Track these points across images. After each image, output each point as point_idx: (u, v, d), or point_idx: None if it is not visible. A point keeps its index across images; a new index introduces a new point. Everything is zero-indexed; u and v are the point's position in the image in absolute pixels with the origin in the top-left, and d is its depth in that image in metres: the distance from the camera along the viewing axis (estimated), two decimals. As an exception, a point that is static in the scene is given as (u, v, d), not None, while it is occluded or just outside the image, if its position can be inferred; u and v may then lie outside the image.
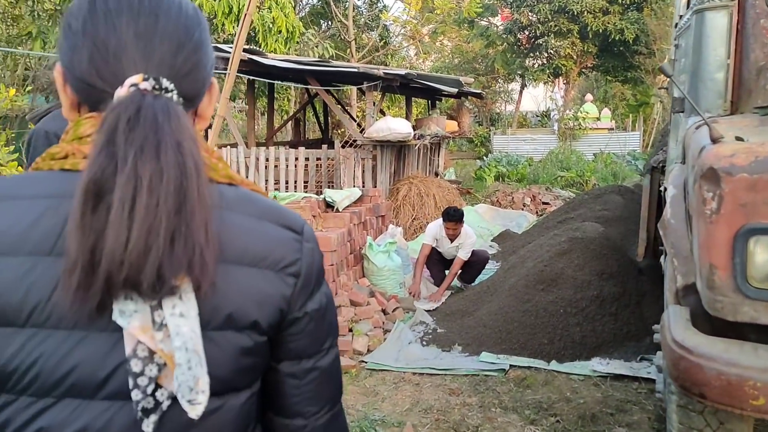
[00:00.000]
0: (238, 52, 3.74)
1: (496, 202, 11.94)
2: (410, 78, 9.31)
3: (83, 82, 0.86)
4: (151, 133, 0.77)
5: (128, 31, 0.84)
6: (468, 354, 4.88)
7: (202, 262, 0.78)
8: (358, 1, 20.29)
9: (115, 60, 0.84)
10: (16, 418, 0.80)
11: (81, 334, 0.79)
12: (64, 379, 0.79)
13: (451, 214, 6.52)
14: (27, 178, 0.85)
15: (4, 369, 0.79)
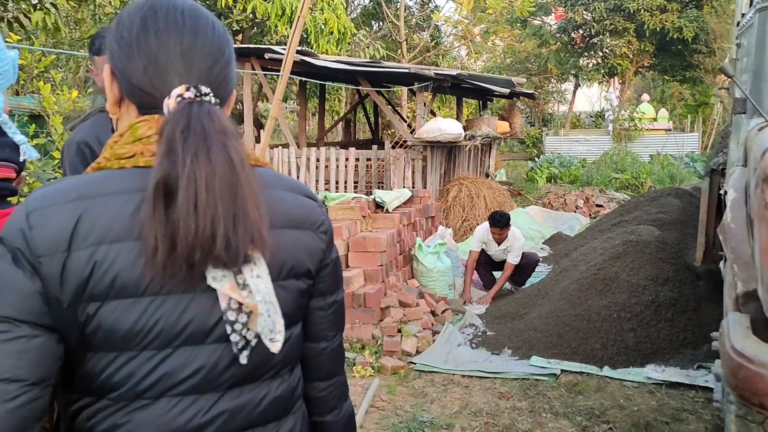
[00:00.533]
0: (291, 53, 3.78)
1: (547, 204, 11.77)
2: (461, 78, 9.26)
3: (138, 89, 1.04)
4: (201, 140, 0.96)
5: (175, 48, 1.04)
6: (518, 358, 4.83)
7: (261, 236, 0.99)
8: (409, 2, 20.30)
9: (164, 72, 1.03)
10: (138, 370, 0.99)
11: (190, 296, 1.01)
12: (181, 332, 1.01)
13: (497, 219, 6.46)
14: (112, 176, 1.01)
15: (130, 331, 0.98)
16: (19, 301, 0.95)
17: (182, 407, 1.02)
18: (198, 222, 0.94)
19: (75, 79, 9.45)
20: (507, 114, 13.12)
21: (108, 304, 0.97)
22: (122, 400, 1.00)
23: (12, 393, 0.93)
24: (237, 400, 1.07)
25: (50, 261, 0.95)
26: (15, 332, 0.94)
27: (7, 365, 0.93)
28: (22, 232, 0.96)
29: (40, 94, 5.61)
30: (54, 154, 5.46)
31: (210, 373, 1.03)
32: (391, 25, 17.89)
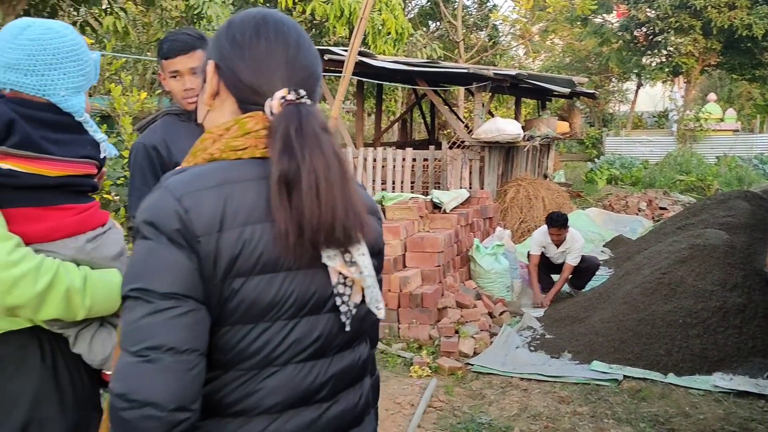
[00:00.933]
0: (353, 55, 3.81)
1: (608, 206, 11.51)
2: (521, 78, 9.15)
3: (245, 85, 1.18)
4: (314, 138, 1.11)
5: (281, 56, 1.18)
6: (578, 362, 4.74)
7: (364, 220, 1.15)
8: (467, 1, 20.19)
9: (271, 75, 1.17)
10: (273, 339, 1.12)
11: (313, 271, 1.15)
12: (308, 303, 1.15)
13: (555, 219, 6.34)
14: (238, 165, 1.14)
15: (270, 303, 1.11)
16: (181, 278, 1.05)
17: (306, 371, 1.15)
18: (321, 209, 1.08)
19: (142, 80, 9.77)
20: (566, 114, 12.91)
21: (252, 279, 1.09)
22: (254, 369, 1.11)
23: (192, 362, 1.04)
24: (342, 363, 1.22)
25: (207, 240, 1.06)
26: (184, 307, 1.04)
27: (184, 337, 1.03)
28: (178, 215, 1.06)
29: (111, 96, 5.81)
30: (123, 154, 5.65)
31: (326, 340, 1.18)
32: (449, 25, 17.82)
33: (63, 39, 1.40)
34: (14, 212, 1.36)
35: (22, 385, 1.40)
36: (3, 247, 1.28)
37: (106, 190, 5.46)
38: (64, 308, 1.35)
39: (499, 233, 6.98)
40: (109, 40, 7.72)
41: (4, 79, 1.38)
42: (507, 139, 8.68)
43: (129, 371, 1.02)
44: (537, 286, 6.39)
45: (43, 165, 1.37)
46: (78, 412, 1.48)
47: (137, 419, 1.00)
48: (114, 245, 1.51)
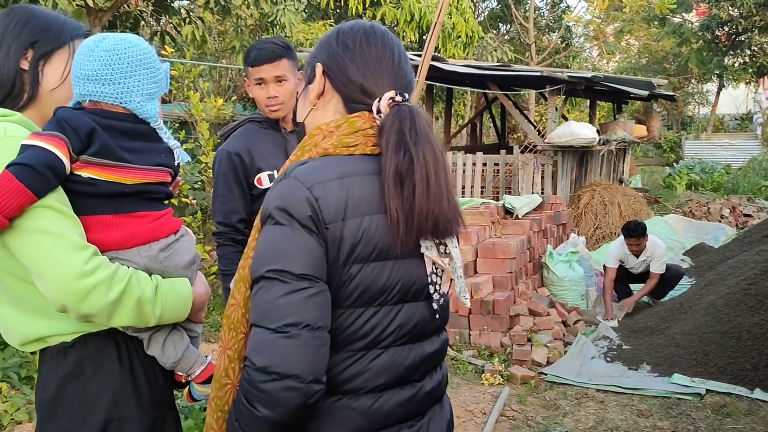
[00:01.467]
0: (427, 60, 3.80)
1: (688, 212, 11.06)
2: (596, 81, 8.92)
3: (355, 85, 1.27)
4: (425, 135, 1.21)
5: (389, 61, 1.29)
6: (658, 374, 4.56)
7: (461, 214, 1.25)
8: (539, 3, 19.87)
9: (380, 78, 1.28)
10: (380, 323, 1.21)
11: (416, 260, 1.24)
12: (410, 290, 1.24)
13: (633, 229, 6.05)
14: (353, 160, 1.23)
15: (382, 288, 1.21)
16: (313, 261, 1.14)
17: (405, 353, 1.25)
18: (430, 203, 1.17)
19: (218, 87, 10.05)
20: (644, 117, 12.51)
21: (368, 265, 1.19)
22: (362, 350, 1.20)
23: (325, 339, 1.14)
24: (432, 347, 1.32)
25: (334, 227, 1.16)
26: (316, 288, 1.14)
27: (318, 315, 1.13)
28: (310, 202, 1.15)
29: (190, 102, 6.00)
30: (201, 158, 5.82)
31: (423, 325, 1.28)
32: (520, 27, 17.57)
33: (136, 48, 1.45)
34: (92, 219, 1.41)
35: (101, 386, 1.44)
36: (79, 257, 1.32)
37: (184, 194, 5.63)
38: (136, 316, 1.39)
39: (573, 240, 6.80)
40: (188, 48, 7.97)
41: (84, 91, 1.43)
42: (581, 143, 8.47)
43: (270, 346, 1.11)
44: (610, 304, 6.10)
45: (121, 173, 1.41)
46: (154, 412, 1.52)
47: (278, 390, 1.09)
48: (186, 253, 1.53)
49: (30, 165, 1.29)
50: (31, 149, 1.31)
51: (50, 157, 1.31)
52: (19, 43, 1.51)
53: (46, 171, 1.30)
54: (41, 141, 1.32)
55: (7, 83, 1.51)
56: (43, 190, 1.31)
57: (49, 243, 1.31)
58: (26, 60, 1.52)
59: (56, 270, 1.31)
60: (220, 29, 10.76)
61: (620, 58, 26.60)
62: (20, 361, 3.86)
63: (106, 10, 6.84)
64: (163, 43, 7.83)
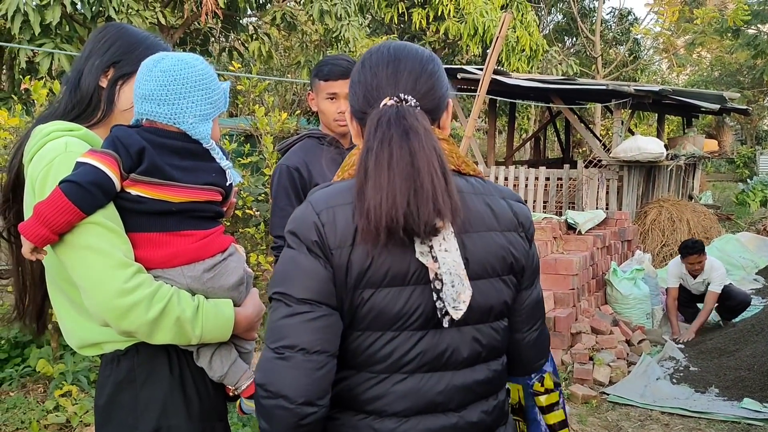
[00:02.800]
0: (488, 75, 3.79)
1: (762, 230, 10.59)
2: (665, 94, 8.69)
3: (360, 112, 1.27)
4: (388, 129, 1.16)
5: (382, 74, 1.26)
6: (727, 398, 4.38)
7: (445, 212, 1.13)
8: (606, 15, 19.52)
9: (377, 93, 1.25)
10: (400, 347, 1.19)
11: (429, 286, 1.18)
12: (435, 316, 1.19)
13: (690, 246, 5.88)
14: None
15: (398, 314, 1.17)
16: (316, 286, 1.15)
17: (433, 381, 1.21)
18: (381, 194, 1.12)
19: (283, 101, 10.27)
20: (715, 131, 12.08)
21: (381, 290, 1.17)
22: (383, 373, 1.19)
23: (321, 362, 1.13)
24: (472, 376, 1.25)
25: (340, 253, 1.15)
26: (317, 312, 1.14)
27: (315, 340, 1.13)
28: (317, 227, 1.16)
29: (255, 116, 6.14)
30: (265, 171, 5.94)
31: (453, 353, 1.22)
32: (586, 40, 17.30)
33: (192, 70, 1.47)
34: (139, 236, 1.44)
35: (151, 394, 1.47)
36: (122, 275, 1.35)
37: (248, 205, 5.76)
38: (176, 335, 1.42)
39: (638, 257, 6.61)
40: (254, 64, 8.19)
41: (141, 110, 1.47)
42: (648, 158, 8.24)
43: (267, 365, 1.14)
44: (676, 323, 5.92)
45: (167, 191, 1.43)
46: (203, 422, 1.53)
47: (271, 407, 1.13)
48: (232, 275, 1.53)
49: (79, 182, 1.33)
50: (83, 167, 1.36)
51: (99, 174, 1.35)
52: (103, 62, 1.56)
53: (94, 188, 1.34)
54: (93, 159, 1.36)
55: (86, 98, 1.56)
56: (91, 207, 1.35)
57: (93, 260, 1.36)
58: (106, 78, 1.57)
59: (98, 286, 1.35)
60: (286, 45, 11.02)
61: (691, 71, 25.83)
62: (90, 365, 4.00)
63: (178, 28, 7.11)
64: (231, 59, 8.07)
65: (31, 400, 3.78)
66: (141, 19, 6.16)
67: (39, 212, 1.32)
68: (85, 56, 1.59)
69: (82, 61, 1.59)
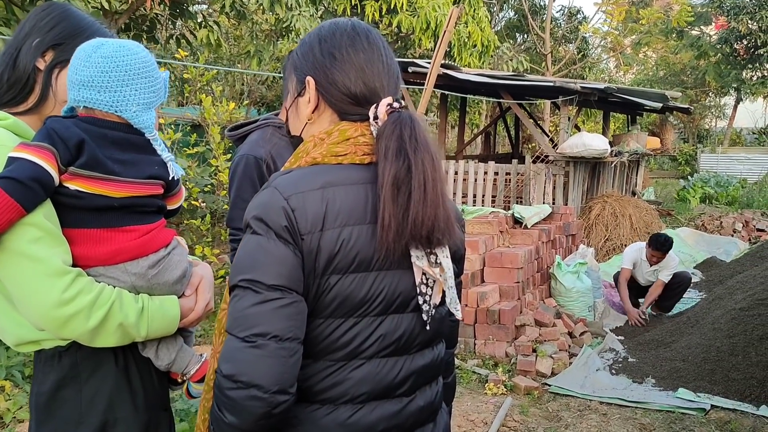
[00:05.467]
0: (435, 69, 3.81)
1: (701, 226, 10.98)
2: (609, 92, 8.89)
3: (347, 96, 1.25)
4: (424, 143, 1.20)
5: (378, 64, 1.26)
6: (662, 388, 4.52)
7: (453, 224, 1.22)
8: (556, 14, 19.84)
9: (372, 83, 1.25)
10: (361, 333, 1.20)
11: (401, 272, 1.22)
12: (394, 302, 1.22)
13: (662, 243, 6.09)
14: (339, 169, 1.22)
15: (362, 300, 1.18)
16: (287, 272, 1.13)
17: (389, 366, 1.23)
18: (426, 211, 1.16)
19: (232, 91, 10.11)
20: (658, 129, 12.43)
21: (347, 276, 1.17)
22: (342, 360, 1.19)
23: (293, 349, 1.13)
24: (422, 361, 1.29)
25: (310, 238, 1.15)
26: (288, 298, 1.13)
27: (287, 326, 1.12)
28: (286, 212, 1.15)
29: (202, 106, 6.05)
30: (211, 162, 5.87)
31: (409, 337, 1.25)
32: (536, 38, 17.56)
33: (135, 56, 1.42)
34: (79, 233, 1.38)
35: (97, 388, 1.44)
36: (59, 283, 1.30)
37: (194, 197, 5.68)
38: (119, 339, 1.39)
39: (582, 251, 6.77)
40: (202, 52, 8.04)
41: (78, 97, 1.40)
42: (593, 155, 8.44)
43: (237, 355, 1.11)
44: (627, 299, 6.23)
45: (108, 186, 1.37)
46: (149, 412, 1.51)
47: (242, 398, 1.10)
48: (176, 268, 1.49)
49: (18, 179, 1.26)
50: (18, 162, 1.28)
51: (38, 170, 1.28)
52: (44, 42, 1.47)
53: (34, 185, 1.28)
54: (28, 153, 1.29)
55: (22, 79, 1.46)
56: (32, 204, 1.29)
57: (29, 268, 1.29)
58: (44, 60, 1.48)
59: (35, 296, 1.29)
60: (236, 34, 10.84)
61: (637, 70, 26.49)
62: (24, 360, 3.89)
63: (122, 13, 6.91)
64: (179, 46, 7.90)
65: (-38, 396, 3.65)
66: (83, 3, 5.96)
67: None
68: (25, 33, 1.48)
69: (20, 38, 1.48)
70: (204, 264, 1.64)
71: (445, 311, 1.31)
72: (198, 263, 1.63)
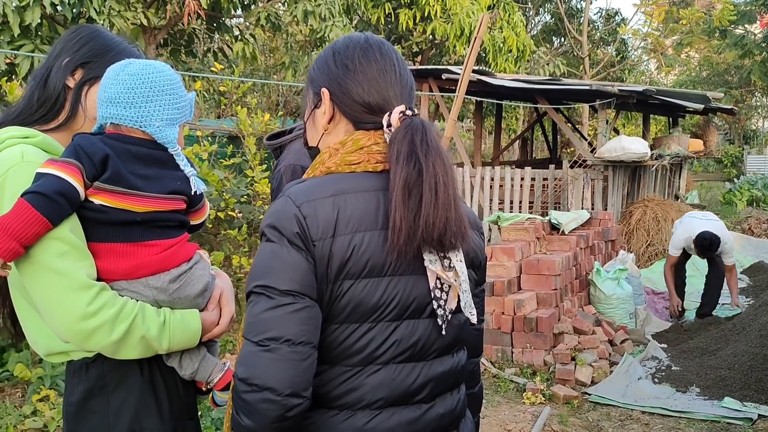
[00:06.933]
0: (467, 74, 3.79)
1: (747, 229, 10.67)
2: (648, 94, 8.72)
3: (361, 105, 1.28)
4: (435, 147, 1.22)
5: (391, 73, 1.30)
6: (707, 397, 4.40)
7: (466, 227, 1.22)
8: (593, 16, 19.59)
9: (385, 92, 1.29)
10: (376, 338, 1.21)
11: (415, 277, 1.23)
12: (409, 306, 1.22)
13: (707, 246, 5.93)
14: (351, 177, 1.24)
15: (375, 305, 1.20)
16: (299, 277, 1.16)
17: (406, 372, 1.23)
18: (437, 214, 1.17)
19: (268, 102, 10.24)
20: (701, 131, 12.15)
21: (360, 281, 1.19)
22: (358, 365, 1.20)
23: (306, 353, 1.14)
24: (441, 367, 1.28)
25: (322, 244, 1.17)
26: (300, 303, 1.15)
27: (300, 331, 1.14)
28: (298, 220, 1.18)
29: (238, 117, 6.13)
30: (247, 173, 5.93)
31: (426, 343, 1.25)
32: (573, 41, 17.36)
33: (160, 74, 1.47)
34: (102, 247, 1.41)
35: (123, 399, 1.46)
36: (84, 297, 1.33)
37: (231, 207, 5.74)
38: (141, 351, 1.41)
39: (622, 257, 6.63)
40: (238, 65, 8.16)
41: (106, 113, 1.44)
42: (632, 158, 8.28)
43: (251, 359, 1.14)
44: (674, 290, 6.22)
45: (131, 200, 1.40)
46: (175, 421, 1.53)
47: (256, 401, 1.12)
48: (198, 283, 1.51)
49: (44, 193, 1.30)
50: (46, 177, 1.32)
51: (64, 184, 1.32)
52: (73, 60, 1.53)
53: (60, 199, 1.31)
54: (55, 169, 1.33)
55: (52, 97, 1.52)
56: (59, 218, 1.33)
57: (54, 281, 1.33)
58: (73, 78, 1.53)
59: (60, 309, 1.33)
60: (271, 46, 10.98)
61: (680, 71, 25.98)
62: (68, 369, 3.97)
63: (161, 29, 7.08)
64: (216, 59, 8.04)
65: (8, 405, 3.76)
66: (123, 20, 6.12)
67: (5, 225, 1.28)
68: (56, 54, 1.55)
69: (51, 59, 1.55)
70: (223, 274, 1.66)
71: (464, 318, 1.31)
72: (218, 274, 1.64)
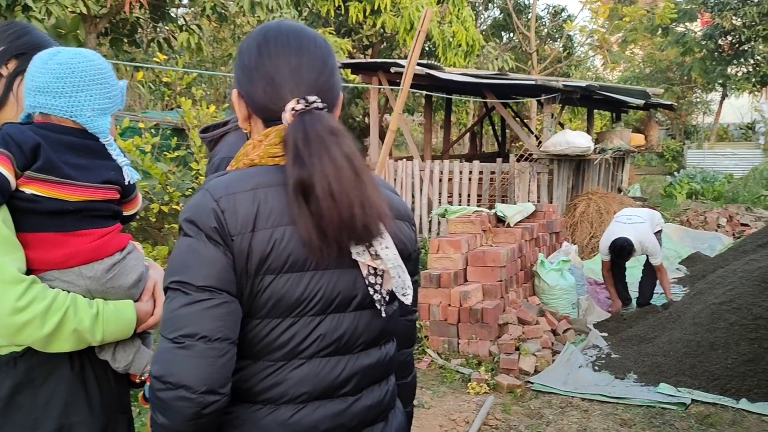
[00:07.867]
0: (411, 68, 3.81)
1: (686, 221, 11.04)
2: (591, 90, 8.93)
3: (261, 106, 1.25)
4: (320, 144, 1.16)
5: (285, 67, 1.23)
6: (644, 384, 4.54)
7: (383, 213, 1.19)
8: (541, 12, 19.90)
9: (280, 89, 1.23)
10: (299, 333, 1.19)
11: (339, 271, 1.21)
12: (333, 301, 1.21)
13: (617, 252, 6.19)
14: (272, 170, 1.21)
15: (297, 300, 1.18)
16: (216, 273, 1.13)
17: (331, 366, 1.22)
18: (339, 209, 1.14)
19: (216, 95, 10.09)
20: (643, 126, 12.50)
21: (281, 276, 1.17)
22: (281, 360, 1.19)
23: (223, 350, 1.12)
24: (368, 360, 1.28)
25: (240, 239, 1.15)
26: (218, 299, 1.13)
27: (217, 327, 1.12)
28: (216, 214, 1.15)
29: (182, 110, 6.03)
30: (192, 165, 5.84)
31: (351, 337, 1.24)
32: (522, 36, 17.60)
33: (90, 63, 1.45)
34: (34, 237, 1.39)
35: (51, 393, 1.44)
36: (13, 292, 1.31)
37: (175, 201, 5.65)
38: (74, 344, 1.40)
39: (565, 248, 6.78)
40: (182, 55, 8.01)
41: (35, 103, 1.42)
42: (576, 152, 8.46)
43: (166, 356, 1.11)
44: (614, 291, 6.44)
45: (64, 190, 1.39)
46: (106, 415, 1.51)
47: (171, 399, 1.10)
48: (132, 272, 1.51)
49: None
50: None
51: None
52: (8, 51, 1.51)
53: None
54: None
55: None
56: None
57: None
58: (6, 68, 1.51)
59: None
60: (218, 37, 10.81)
61: (624, 68, 26.61)
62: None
63: (102, 18, 6.89)
64: (161, 50, 7.88)
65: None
66: (61, 8, 5.93)
67: None
68: None
69: None
70: (156, 265, 1.64)
71: (393, 308, 1.31)
72: (152, 265, 1.63)
